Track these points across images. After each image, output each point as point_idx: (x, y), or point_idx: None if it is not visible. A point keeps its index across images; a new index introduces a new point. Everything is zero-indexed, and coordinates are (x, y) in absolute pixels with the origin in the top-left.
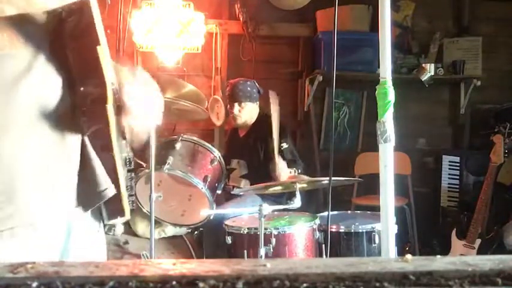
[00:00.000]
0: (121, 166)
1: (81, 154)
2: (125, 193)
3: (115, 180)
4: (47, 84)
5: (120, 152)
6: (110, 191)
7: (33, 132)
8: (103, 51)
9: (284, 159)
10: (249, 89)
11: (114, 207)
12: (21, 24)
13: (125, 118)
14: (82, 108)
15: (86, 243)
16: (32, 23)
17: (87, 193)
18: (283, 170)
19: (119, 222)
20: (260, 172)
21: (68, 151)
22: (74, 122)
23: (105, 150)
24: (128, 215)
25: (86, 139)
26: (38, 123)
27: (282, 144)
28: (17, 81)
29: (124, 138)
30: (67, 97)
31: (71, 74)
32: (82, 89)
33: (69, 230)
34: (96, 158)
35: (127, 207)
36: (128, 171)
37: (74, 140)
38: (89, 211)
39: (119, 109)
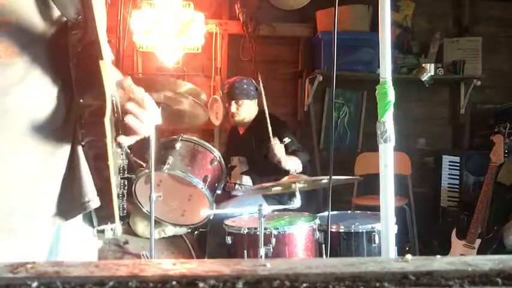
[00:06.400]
0: (114, 174)
1: (71, 164)
2: (115, 201)
3: (107, 188)
4: (41, 96)
5: (115, 160)
6: (94, 203)
7: (23, 142)
8: (105, 65)
9: (288, 152)
10: (245, 86)
11: (104, 213)
12: (19, 34)
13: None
14: (81, 120)
15: (76, 247)
16: (31, 34)
17: (70, 203)
18: (280, 152)
19: (108, 228)
20: (261, 168)
21: (55, 161)
22: (65, 133)
23: (98, 159)
24: (117, 222)
25: (79, 149)
26: (29, 133)
27: (284, 139)
28: (8, 90)
29: (119, 146)
30: (62, 109)
31: (70, 86)
32: (82, 101)
33: (58, 234)
34: (86, 168)
35: (117, 214)
36: (121, 178)
37: (62, 151)
38: (81, 216)
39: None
